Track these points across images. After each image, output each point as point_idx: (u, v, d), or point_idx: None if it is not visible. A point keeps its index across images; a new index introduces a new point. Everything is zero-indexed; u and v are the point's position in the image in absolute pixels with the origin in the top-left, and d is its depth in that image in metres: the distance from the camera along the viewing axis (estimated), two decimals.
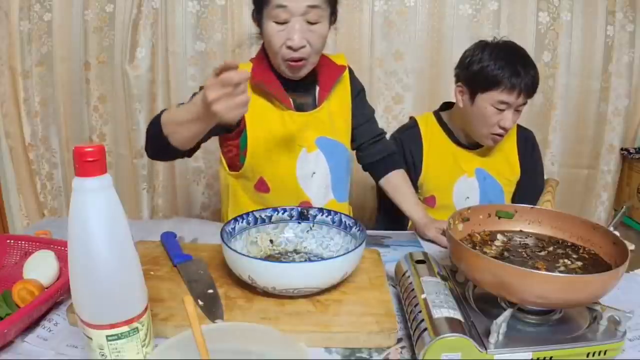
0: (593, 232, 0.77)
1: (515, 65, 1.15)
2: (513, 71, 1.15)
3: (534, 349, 0.61)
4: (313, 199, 1.14)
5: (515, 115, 1.20)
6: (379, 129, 1.25)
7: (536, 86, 1.19)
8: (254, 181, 1.12)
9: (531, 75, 1.16)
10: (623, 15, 1.81)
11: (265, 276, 0.71)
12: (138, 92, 1.86)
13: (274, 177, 1.11)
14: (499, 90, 1.16)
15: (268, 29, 0.99)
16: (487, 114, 1.19)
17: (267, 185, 1.11)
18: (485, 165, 1.31)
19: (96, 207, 0.50)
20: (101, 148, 0.49)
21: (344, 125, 1.18)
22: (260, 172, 1.10)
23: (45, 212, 2.04)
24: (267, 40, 1.01)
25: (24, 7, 1.81)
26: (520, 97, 1.16)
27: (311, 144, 1.11)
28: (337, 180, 1.16)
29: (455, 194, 1.31)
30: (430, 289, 0.69)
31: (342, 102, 1.16)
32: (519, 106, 1.19)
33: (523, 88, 1.15)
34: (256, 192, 1.12)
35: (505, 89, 1.15)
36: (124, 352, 0.53)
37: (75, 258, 0.51)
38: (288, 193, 1.12)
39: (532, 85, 1.17)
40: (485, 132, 1.23)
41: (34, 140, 1.96)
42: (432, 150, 1.32)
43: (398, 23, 1.79)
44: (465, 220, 0.83)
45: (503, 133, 1.21)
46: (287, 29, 0.97)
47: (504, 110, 1.18)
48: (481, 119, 1.21)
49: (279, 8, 0.95)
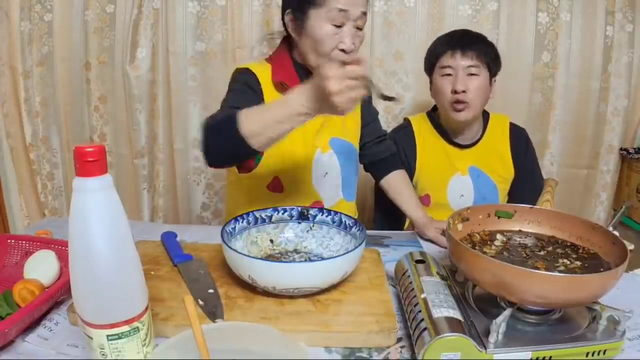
0: (592, 232, 0.77)
1: (450, 35, 1.27)
2: (448, 38, 1.26)
3: (534, 348, 0.61)
4: (325, 199, 1.15)
5: (470, 80, 1.22)
6: (382, 129, 1.28)
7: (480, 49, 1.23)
8: (267, 181, 1.11)
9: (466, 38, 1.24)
10: (622, 16, 1.81)
11: (266, 276, 0.71)
12: (138, 93, 1.86)
13: (289, 177, 1.11)
14: (440, 58, 1.25)
15: (322, 31, 0.98)
16: (438, 85, 1.27)
17: (282, 185, 1.11)
18: (478, 163, 1.33)
19: (97, 207, 0.50)
20: (102, 148, 0.49)
21: (354, 126, 1.19)
22: (276, 172, 1.10)
23: (45, 212, 2.04)
24: (318, 41, 0.99)
25: (25, 7, 1.81)
26: (458, 56, 1.22)
27: (325, 145, 1.12)
28: (347, 180, 1.18)
29: (450, 192, 1.33)
30: (430, 289, 0.69)
31: None
32: (468, 68, 1.22)
33: (458, 47, 1.22)
34: (268, 192, 1.12)
35: (442, 55, 1.24)
36: (124, 351, 0.54)
37: (76, 258, 0.51)
38: (301, 193, 1.12)
39: (466, 45, 1.22)
40: (446, 104, 1.26)
41: (35, 140, 1.96)
42: (425, 149, 1.34)
43: (398, 23, 1.79)
44: (465, 220, 0.83)
45: (459, 98, 1.22)
46: (341, 32, 0.98)
47: (451, 74, 1.23)
48: (438, 93, 1.28)
49: (340, 12, 0.96)
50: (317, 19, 0.98)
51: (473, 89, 1.22)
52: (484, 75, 1.23)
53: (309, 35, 1.00)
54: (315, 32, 0.99)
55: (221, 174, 1.95)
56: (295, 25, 1.02)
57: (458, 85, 1.21)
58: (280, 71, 1.06)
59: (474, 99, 1.22)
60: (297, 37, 1.04)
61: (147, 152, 1.95)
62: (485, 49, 1.23)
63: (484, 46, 1.23)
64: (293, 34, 1.04)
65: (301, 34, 1.02)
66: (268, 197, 1.12)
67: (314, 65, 1.04)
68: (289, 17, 1.03)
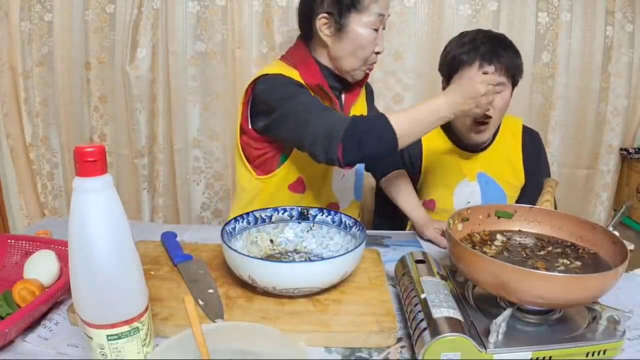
0: (592, 232, 0.77)
1: (475, 41, 1.12)
2: (473, 46, 1.11)
3: (534, 348, 0.61)
4: (340, 200, 1.17)
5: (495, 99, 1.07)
6: None
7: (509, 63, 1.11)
8: (290, 181, 1.11)
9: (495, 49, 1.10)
10: (622, 16, 1.81)
11: (266, 276, 0.71)
12: (138, 92, 1.86)
13: (312, 178, 1.11)
14: (463, 69, 1.12)
15: (365, 36, 1.00)
16: None
17: (304, 185, 1.11)
18: (487, 169, 1.25)
19: (97, 207, 0.50)
20: (102, 148, 0.49)
21: None
22: (300, 172, 1.10)
23: (45, 212, 2.04)
24: (361, 45, 1.01)
25: (25, 7, 1.81)
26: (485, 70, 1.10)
27: None
28: (358, 181, 1.21)
29: (456, 199, 1.26)
30: (430, 289, 0.69)
31: (362, 104, 1.20)
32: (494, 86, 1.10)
33: (486, 61, 1.09)
34: (289, 193, 1.12)
35: (467, 66, 1.11)
36: (124, 351, 0.54)
37: (76, 258, 0.51)
38: (321, 195, 1.13)
39: (495, 58, 1.10)
40: (468, 122, 1.16)
41: (35, 140, 1.96)
42: (431, 152, 1.27)
43: (398, 23, 1.79)
44: (465, 220, 0.83)
45: (485, 121, 1.13)
46: (377, 36, 1.02)
47: None
48: None
49: (379, 16, 1.00)
50: (359, 23, 0.99)
51: (498, 108, 1.13)
52: (509, 90, 1.14)
53: (349, 39, 1.01)
54: (358, 37, 1.00)
55: (221, 173, 1.95)
56: (333, 29, 1.01)
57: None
58: (313, 76, 1.05)
59: (497, 118, 1.15)
60: (331, 41, 1.03)
61: (147, 152, 1.95)
62: (514, 60, 1.13)
63: (514, 58, 1.12)
64: (326, 38, 1.02)
65: (339, 38, 1.02)
66: (287, 197, 1.12)
67: (349, 69, 1.05)
68: (322, 21, 1.01)
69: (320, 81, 1.04)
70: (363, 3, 0.99)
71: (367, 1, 0.99)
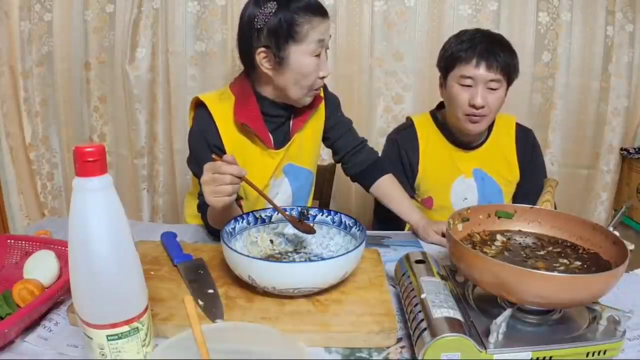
0: (593, 231, 0.77)
1: (474, 40, 1.15)
2: (472, 44, 1.14)
3: (534, 348, 0.61)
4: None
5: (490, 94, 1.15)
6: (359, 137, 1.25)
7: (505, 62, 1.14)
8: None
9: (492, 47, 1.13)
10: (623, 15, 1.81)
11: (265, 276, 0.71)
12: (138, 92, 1.86)
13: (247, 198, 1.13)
14: (460, 65, 1.15)
15: (306, 65, 0.99)
16: (454, 92, 1.18)
17: (242, 206, 1.11)
18: (483, 165, 1.29)
19: (96, 207, 0.50)
20: (101, 148, 0.49)
21: (313, 149, 1.20)
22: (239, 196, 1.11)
23: (45, 212, 2.04)
24: (304, 75, 1.00)
25: (24, 7, 1.81)
26: (482, 69, 1.13)
27: (279, 172, 1.14)
28: (298, 202, 1.20)
29: (453, 195, 1.29)
30: (430, 289, 0.69)
31: (314, 129, 1.18)
32: (490, 82, 1.14)
33: (483, 58, 1.12)
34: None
35: (464, 62, 1.14)
36: (124, 351, 0.54)
37: (76, 258, 0.51)
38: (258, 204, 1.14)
39: (492, 56, 1.13)
40: (460, 114, 1.19)
41: (35, 140, 1.96)
42: (428, 150, 1.30)
43: (398, 23, 1.78)
44: (465, 221, 0.83)
45: (477, 112, 1.16)
46: (319, 61, 1.01)
47: (471, 86, 1.15)
48: (453, 101, 1.19)
49: (319, 42, 0.99)
50: (298, 54, 0.98)
51: (492, 104, 1.16)
52: (503, 88, 1.18)
53: (291, 70, 0.99)
54: (299, 67, 0.99)
55: None
56: (273, 62, 1.00)
57: (478, 99, 1.14)
58: (244, 111, 1.05)
59: (490, 112, 1.18)
60: (273, 73, 1.01)
61: (147, 152, 1.95)
62: (510, 60, 1.15)
63: (509, 57, 1.15)
64: (268, 71, 1.01)
65: (280, 70, 1.00)
66: None
67: (295, 98, 1.05)
68: (261, 55, 0.99)
69: (248, 120, 1.03)
70: (301, 33, 0.96)
71: (305, 30, 0.96)
